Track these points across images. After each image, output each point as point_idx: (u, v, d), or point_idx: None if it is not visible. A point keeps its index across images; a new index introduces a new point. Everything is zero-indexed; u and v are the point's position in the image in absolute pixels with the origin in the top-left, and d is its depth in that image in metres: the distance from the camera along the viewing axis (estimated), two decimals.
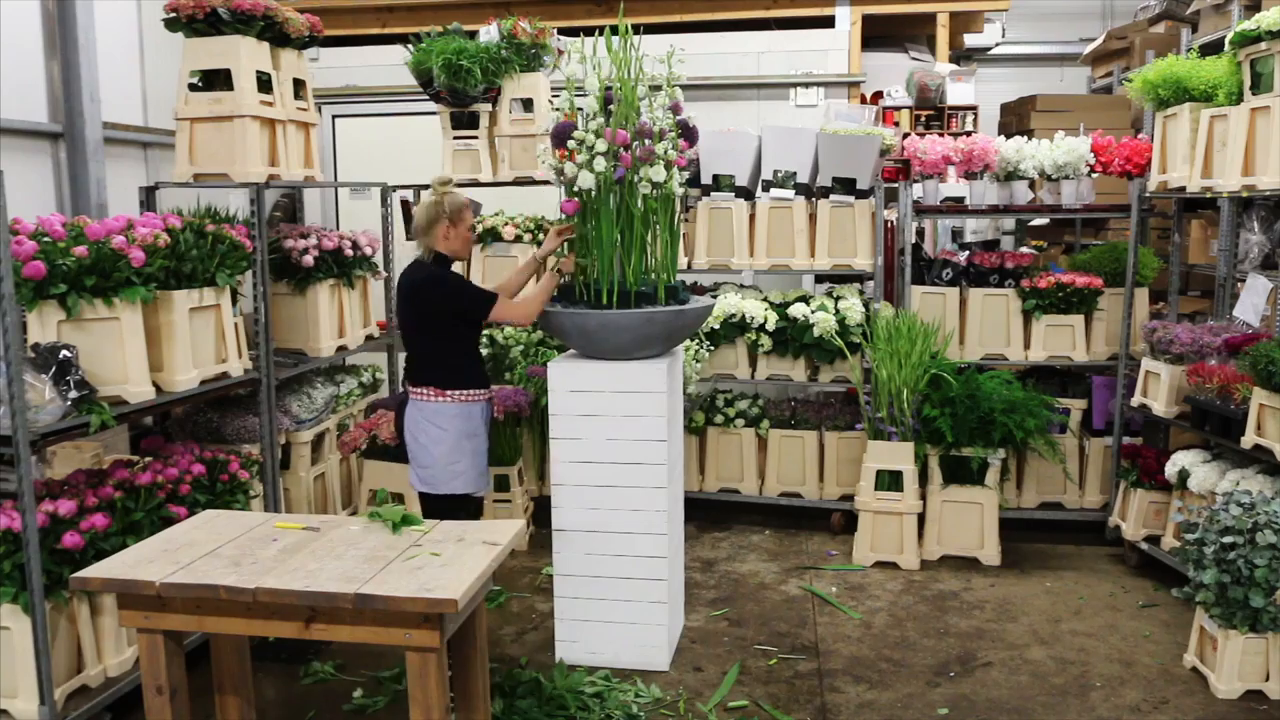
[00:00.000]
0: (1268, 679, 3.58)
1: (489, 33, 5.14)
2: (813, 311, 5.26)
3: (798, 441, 5.47)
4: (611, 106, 3.63)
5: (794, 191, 5.32)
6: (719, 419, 5.56)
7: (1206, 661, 3.73)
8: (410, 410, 3.69)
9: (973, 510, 4.95)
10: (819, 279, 6.35)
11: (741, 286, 5.77)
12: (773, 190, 5.32)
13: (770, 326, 5.31)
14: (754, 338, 5.37)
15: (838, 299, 5.40)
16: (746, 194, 5.43)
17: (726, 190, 5.33)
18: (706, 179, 5.35)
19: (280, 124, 4.31)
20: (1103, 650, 4.00)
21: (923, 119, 7.46)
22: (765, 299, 5.50)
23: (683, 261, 5.34)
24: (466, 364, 3.70)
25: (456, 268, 3.87)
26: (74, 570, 2.87)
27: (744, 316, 5.34)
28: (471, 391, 3.67)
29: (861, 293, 5.61)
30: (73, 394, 3.08)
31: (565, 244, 3.85)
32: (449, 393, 3.63)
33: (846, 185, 5.24)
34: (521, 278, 3.97)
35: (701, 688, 3.69)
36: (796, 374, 5.42)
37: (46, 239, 3.18)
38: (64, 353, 3.09)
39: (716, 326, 5.38)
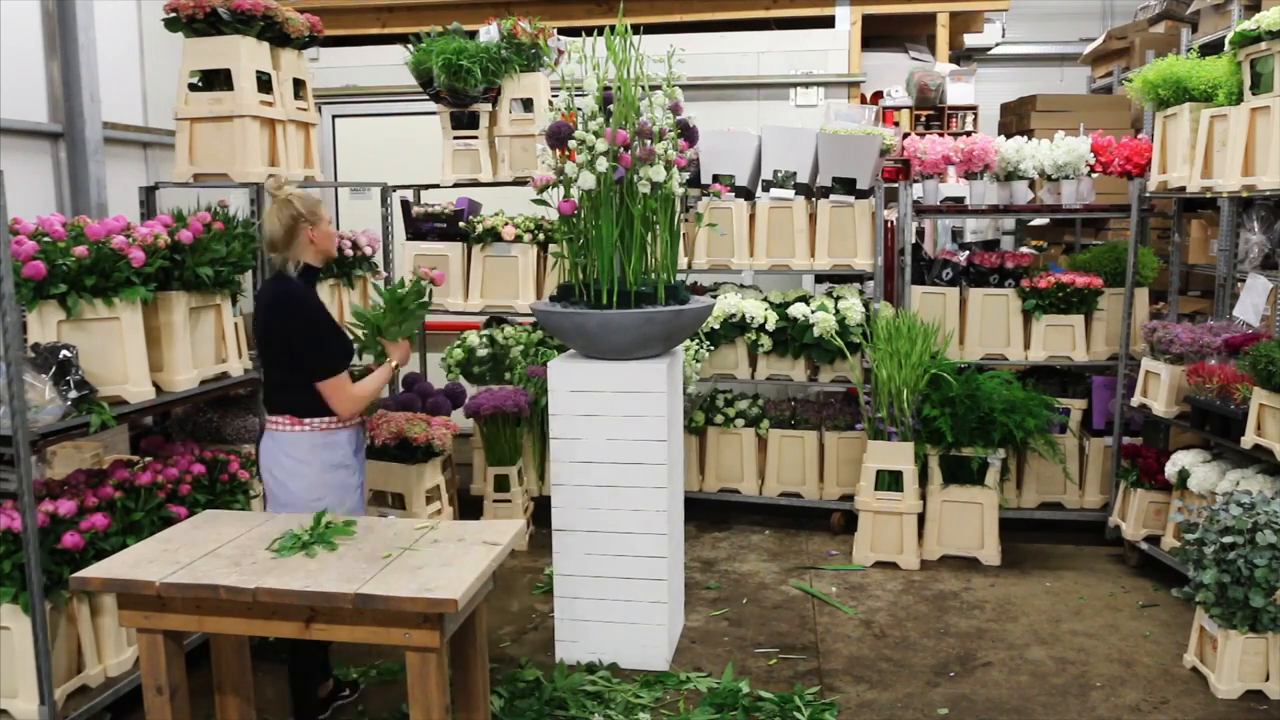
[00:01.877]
0: (1268, 679, 3.58)
1: (489, 33, 5.14)
2: (813, 311, 5.26)
3: (798, 441, 5.48)
4: (611, 107, 3.63)
5: (794, 191, 5.32)
6: (719, 419, 5.57)
7: (1206, 661, 3.73)
8: (265, 442, 3.24)
9: (973, 510, 4.96)
10: (819, 279, 6.35)
11: (741, 286, 5.77)
12: (773, 190, 5.32)
13: (770, 326, 5.31)
14: (754, 338, 5.37)
15: (838, 299, 5.40)
16: (746, 194, 5.43)
17: (728, 185, 5.33)
18: (706, 179, 5.35)
19: (280, 124, 4.31)
20: (1103, 650, 4.00)
21: (923, 119, 7.46)
22: (765, 299, 5.50)
23: (682, 262, 5.34)
24: None
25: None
26: (74, 570, 2.87)
27: (744, 316, 5.34)
28: (333, 420, 3.22)
29: (861, 293, 5.61)
30: (73, 394, 3.08)
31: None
32: (307, 421, 3.18)
33: (846, 185, 5.24)
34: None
35: (701, 688, 3.69)
36: (796, 374, 5.42)
37: (46, 239, 3.18)
38: (64, 353, 3.09)
39: (716, 326, 5.38)
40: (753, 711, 3.47)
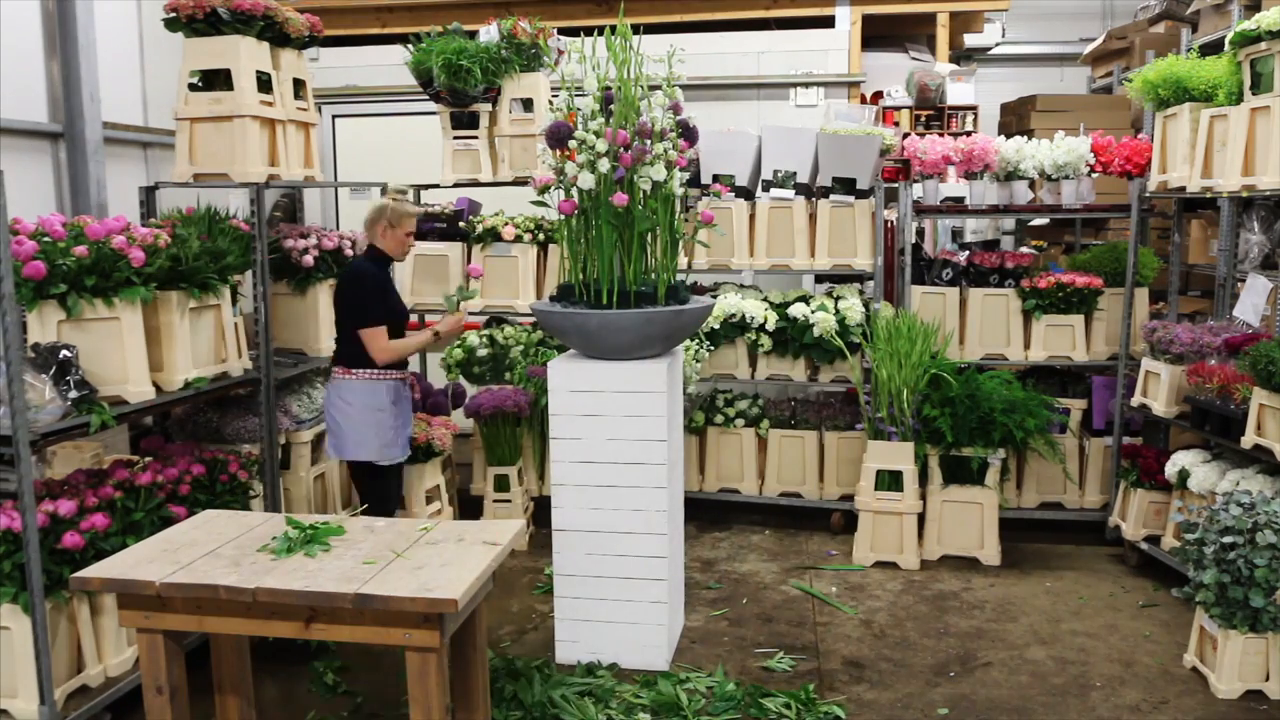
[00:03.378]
0: (1268, 679, 3.58)
1: (489, 33, 5.14)
2: (813, 311, 5.26)
3: (797, 441, 5.47)
4: (611, 107, 3.63)
5: (794, 191, 5.32)
6: (718, 419, 5.57)
7: (1206, 661, 3.73)
8: (328, 388, 4.09)
9: (973, 510, 4.95)
10: (819, 279, 6.35)
11: (741, 286, 5.77)
12: (773, 190, 5.32)
13: (770, 326, 5.31)
14: (754, 338, 5.37)
15: (838, 299, 5.40)
16: (746, 194, 5.43)
17: (728, 185, 5.34)
18: (706, 179, 5.35)
19: (280, 124, 4.30)
20: (1103, 650, 4.00)
21: (923, 119, 7.46)
22: (765, 299, 5.50)
23: (682, 262, 5.34)
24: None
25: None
26: (74, 570, 2.87)
27: (744, 316, 5.34)
28: (376, 371, 3.99)
29: (861, 292, 5.61)
30: (73, 394, 3.09)
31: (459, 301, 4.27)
32: (354, 371, 3.98)
33: (846, 185, 5.24)
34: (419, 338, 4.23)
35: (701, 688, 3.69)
36: (796, 374, 5.42)
37: (46, 239, 3.18)
38: (64, 353, 3.09)
39: (716, 326, 5.38)
40: (761, 712, 3.47)
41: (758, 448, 5.56)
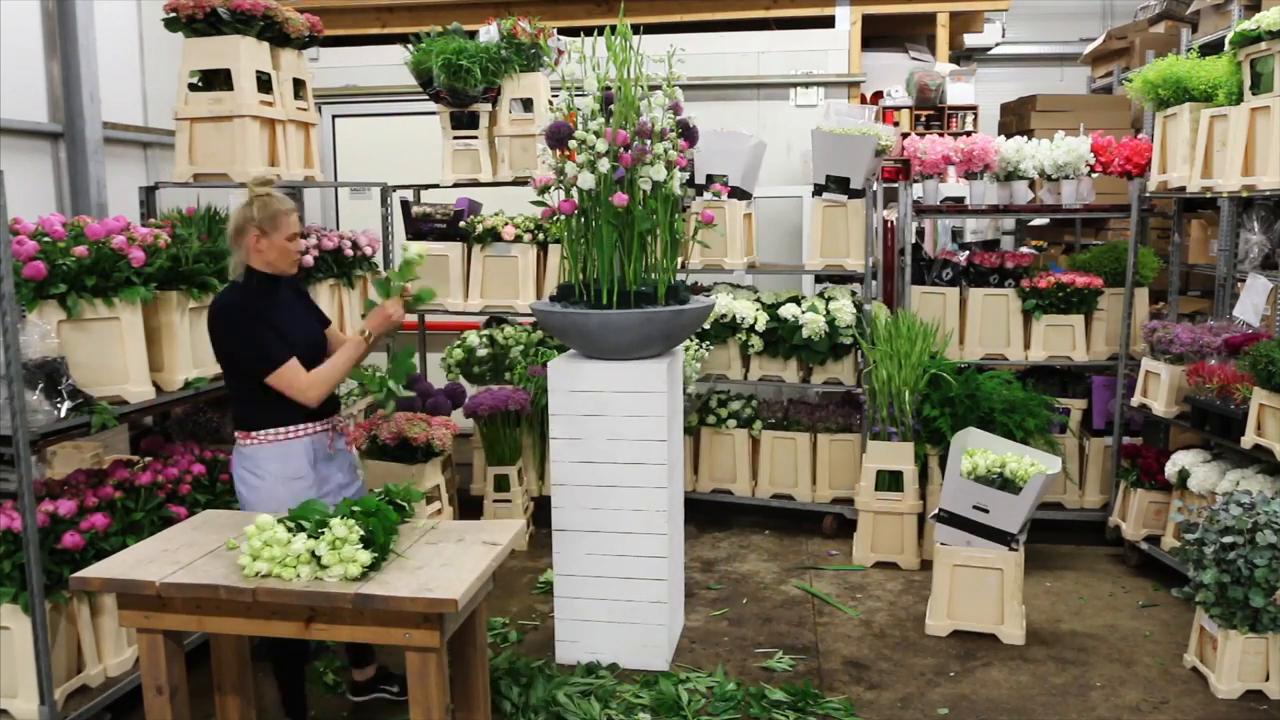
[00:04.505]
0: (1268, 679, 3.58)
1: (489, 33, 5.14)
2: (803, 312, 5.25)
3: (790, 443, 5.46)
4: (611, 107, 3.63)
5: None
6: (711, 419, 5.56)
7: (1206, 661, 3.73)
8: (232, 456, 3.25)
9: None
10: (818, 279, 6.35)
11: (735, 286, 5.77)
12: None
13: (760, 327, 5.30)
14: (744, 338, 5.37)
15: (829, 300, 5.40)
16: (741, 194, 5.43)
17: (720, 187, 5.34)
18: (700, 179, 5.35)
19: (280, 124, 4.31)
20: (1103, 650, 4.00)
21: (923, 119, 7.46)
22: (757, 299, 5.49)
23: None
24: (278, 397, 3.09)
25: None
26: (74, 570, 2.87)
27: (734, 317, 5.34)
28: (286, 429, 3.13)
29: (854, 294, 5.59)
30: (65, 404, 3.07)
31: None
32: (256, 435, 3.12)
33: (840, 184, 5.23)
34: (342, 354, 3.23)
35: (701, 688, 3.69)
36: (789, 375, 5.41)
37: (46, 239, 3.19)
38: (53, 365, 3.07)
39: (707, 327, 5.37)
40: (761, 710, 3.47)
41: (751, 449, 5.55)
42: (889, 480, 4.92)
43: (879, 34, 7.63)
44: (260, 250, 3.08)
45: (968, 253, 5.63)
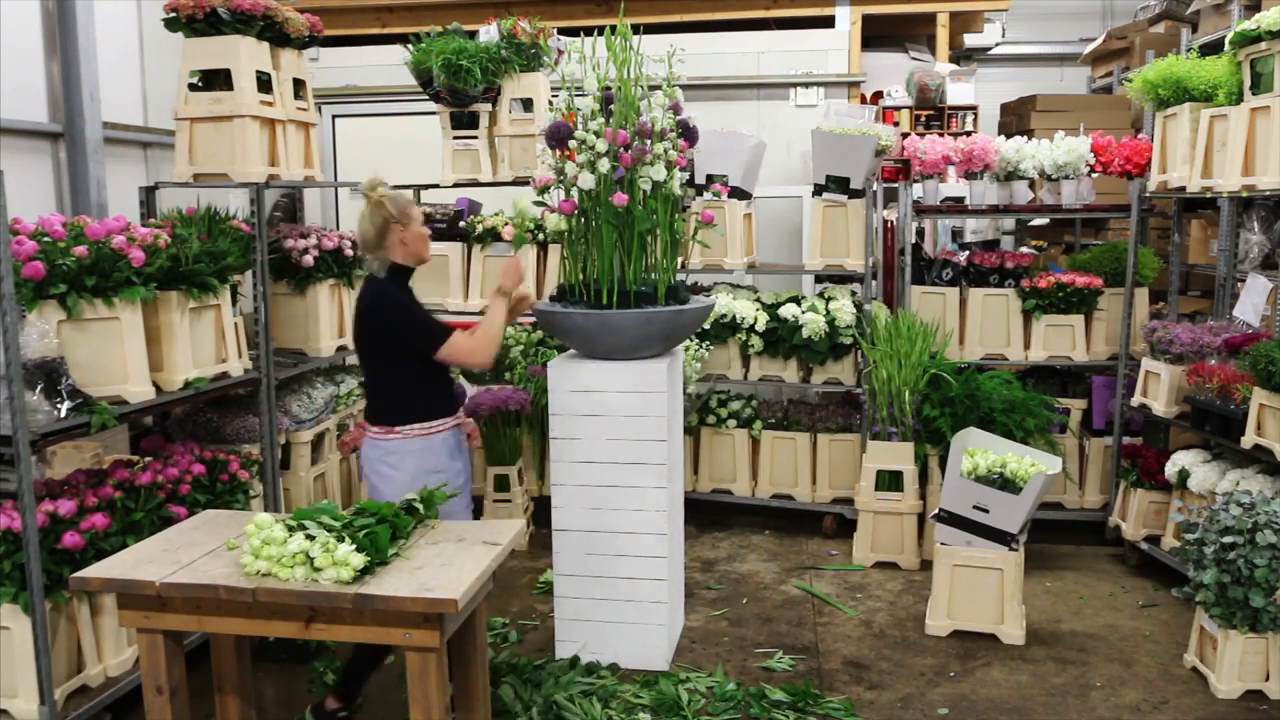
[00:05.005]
0: (1268, 679, 3.58)
1: (489, 33, 5.14)
2: (803, 312, 5.25)
3: (790, 443, 5.46)
4: (611, 107, 3.63)
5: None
6: (711, 419, 5.56)
7: (1206, 661, 3.73)
8: (365, 448, 3.34)
9: None
10: (818, 279, 6.35)
11: (735, 286, 5.77)
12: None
13: (760, 327, 5.30)
14: (744, 338, 5.37)
15: (829, 300, 5.40)
16: (741, 194, 5.42)
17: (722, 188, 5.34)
18: (700, 179, 5.35)
19: (280, 124, 4.30)
20: (1103, 650, 4.00)
21: (923, 119, 7.46)
22: (757, 299, 5.49)
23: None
24: (423, 394, 3.31)
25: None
26: (74, 570, 2.86)
27: (734, 317, 5.34)
28: (428, 424, 3.28)
29: (854, 294, 5.59)
30: (65, 404, 3.07)
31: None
32: (398, 429, 3.25)
33: (840, 184, 5.23)
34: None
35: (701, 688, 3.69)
36: (789, 375, 5.41)
37: (46, 239, 3.18)
38: (52, 366, 3.07)
39: (707, 327, 5.37)
40: (761, 710, 3.47)
41: (751, 449, 5.55)
42: (889, 480, 4.92)
43: (879, 34, 7.63)
44: (404, 243, 3.24)
45: (968, 253, 5.63)
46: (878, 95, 7.50)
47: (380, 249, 3.25)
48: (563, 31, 5.52)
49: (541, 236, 5.36)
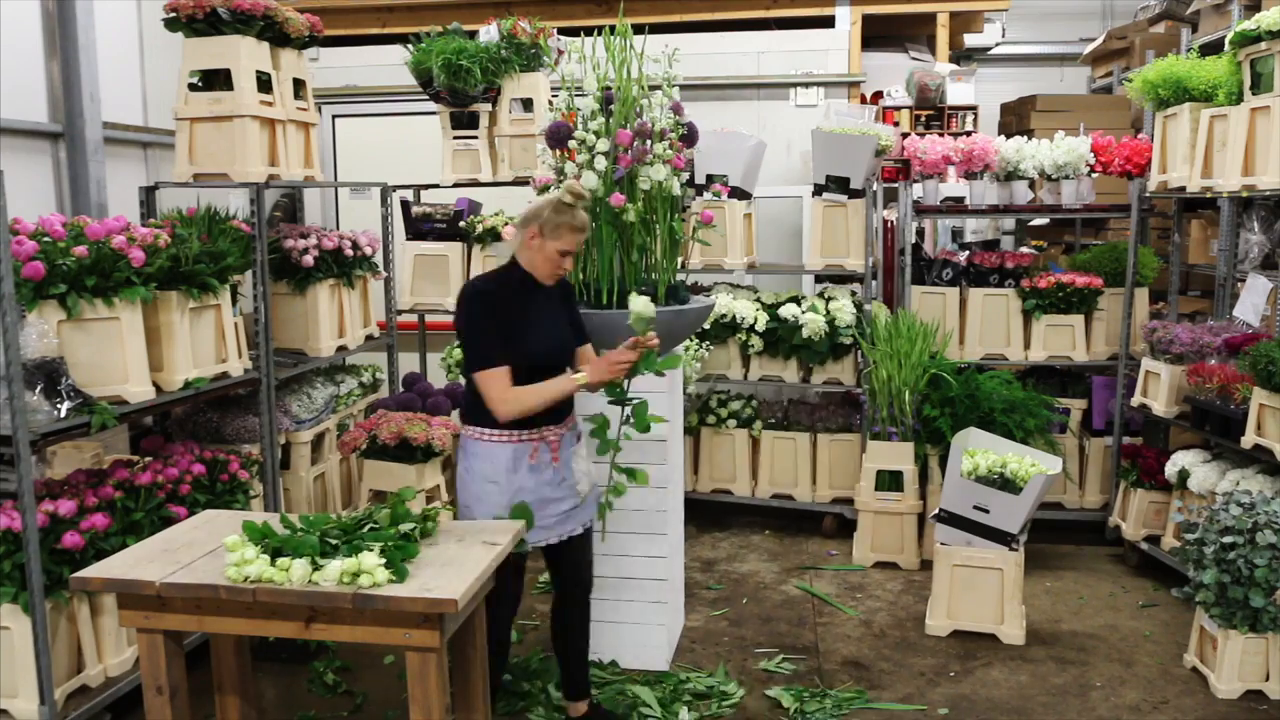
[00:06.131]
0: (1268, 679, 3.58)
1: (489, 33, 5.13)
2: (803, 312, 5.25)
3: (790, 443, 5.46)
4: (611, 107, 3.63)
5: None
6: (711, 419, 5.56)
7: (1206, 661, 3.73)
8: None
9: None
10: (818, 279, 6.35)
11: (735, 286, 5.76)
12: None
13: (760, 327, 5.30)
14: (744, 338, 5.36)
15: (829, 300, 5.40)
16: (741, 194, 5.42)
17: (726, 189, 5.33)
18: (700, 179, 5.35)
19: (280, 124, 4.30)
20: (1103, 650, 4.00)
21: (923, 119, 7.46)
22: (757, 299, 5.49)
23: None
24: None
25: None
26: (74, 570, 2.86)
27: (734, 317, 5.33)
28: (493, 431, 3.07)
29: (854, 294, 5.59)
30: (65, 404, 3.07)
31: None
32: (469, 428, 3.13)
33: (840, 184, 5.23)
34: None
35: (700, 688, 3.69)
36: (789, 375, 5.41)
37: (46, 239, 3.18)
38: (52, 365, 3.07)
39: (707, 327, 5.37)
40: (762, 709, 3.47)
41: (751, 449, 5.55)
42: (889, 480, 4.92)
43: (879, 34, 7.62)
44: (531, 248, 3.06)
45: (968, 253, 5.63)
46: (878, 95, 7.49)
47: (518, 235, 3.10)
48: (563, 31, 5.52)
49: None
